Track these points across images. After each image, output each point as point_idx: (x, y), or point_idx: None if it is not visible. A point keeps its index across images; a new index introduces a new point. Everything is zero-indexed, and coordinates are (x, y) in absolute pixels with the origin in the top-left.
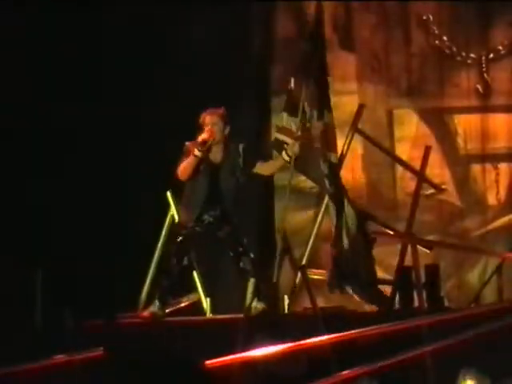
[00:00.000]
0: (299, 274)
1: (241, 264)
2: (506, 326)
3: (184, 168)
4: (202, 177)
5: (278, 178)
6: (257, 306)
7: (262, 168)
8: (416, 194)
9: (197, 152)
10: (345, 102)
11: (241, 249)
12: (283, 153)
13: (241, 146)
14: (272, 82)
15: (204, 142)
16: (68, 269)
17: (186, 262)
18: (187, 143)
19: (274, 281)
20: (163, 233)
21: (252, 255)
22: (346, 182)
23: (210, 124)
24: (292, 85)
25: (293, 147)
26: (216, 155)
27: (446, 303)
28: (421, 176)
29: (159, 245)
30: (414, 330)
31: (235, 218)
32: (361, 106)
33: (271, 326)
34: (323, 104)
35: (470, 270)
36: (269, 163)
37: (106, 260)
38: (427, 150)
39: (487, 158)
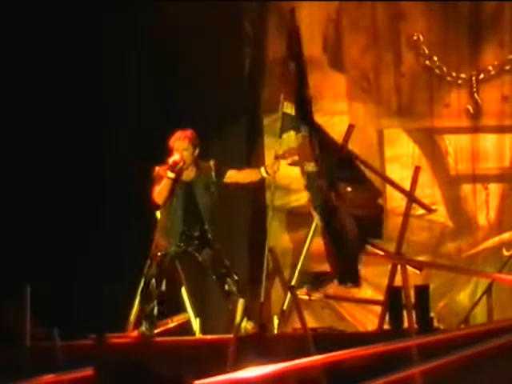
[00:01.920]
0: (289, 295)
1: (225, 286)
2: (495, 347)
3: (159, 192)
4: (176, 198)
5: (268, 197)
6: (246, 326)
7: (236, 176)
8: (406, 214)
9: (170, 174)
10: (335, 122)
11: (224, 271)
12: (262, 169)
13: (212, 162)
14: (263, 102)
15: (175, 164)
16: (57, 288)
17: (163, 286)
18: (157, 168)
19: (262, 301)
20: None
21: (236, 277)
22: None
23: (180, 149)
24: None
25: (273, 166)
26: (189, 174)
27: (437, 324)
28: (410, 196)
29: (146, 266)
30: (404, 351)
31: (215, 240)
32: (350, 127)
33: (260, 347)
34: (300, 116)
35: (460, 290)
36: (243, 172)
37: (96, 280)
38: (416, 171)
39: (477, 178)
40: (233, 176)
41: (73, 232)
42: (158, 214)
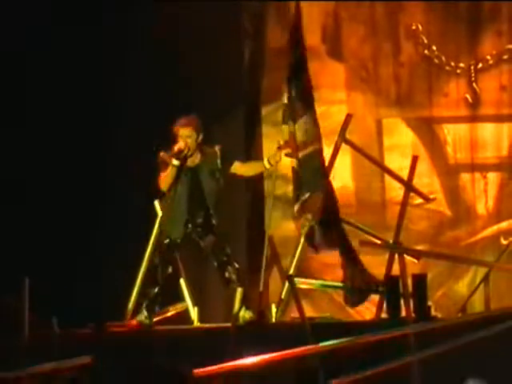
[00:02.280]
0: (287, 283)
1: (226, 274)
2: (492, 336)
3: (164, 179)
4: (181, 184)
5: (268, 186)
6: (244, 315)
7: (240, 168)
8: (403, 203)
9: (175, 162)
10: (333, 111)
11: (225, 258)
12: (265, 160)
13: (217, 148)
14: (263, 92)
15: (180, 151)
16: (55, 277)
17: (170, 270)
18: (161, 153)
19: (260, 290)
20: (151, 242)
21: (237, 265)
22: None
23: (184, 136)
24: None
25: (275, 156)
26: (193, 159)
27: (434, 312)
28: (408, 186)
29: (146, 254)
30: (402, 340)
31: (219, 227)
32: (348, 116)
33: (259, 336)
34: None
35: (459, 279)
36: (247, 164)
37: (94, 268)
38: (414, 160)
39: (476, 167)
40: (237, 168)
41: (72, 225)
42: (157, 203)
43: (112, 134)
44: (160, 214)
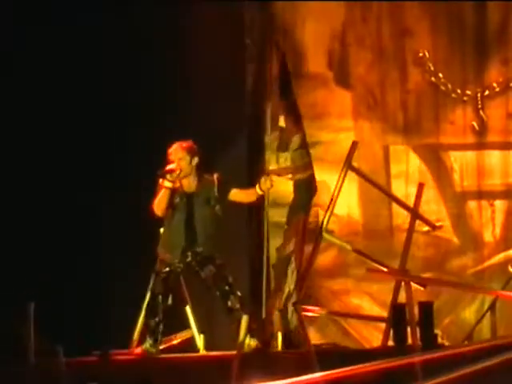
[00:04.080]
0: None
1: (228, 303)
2: (498, 364)
3: (157, 202)
4: (178, 210)
5: (272, 214)
6: (250, 342)
7: (237, 195)
8: (409, 231)
9: (166, 183)
10: (341, 138)
11: (227, 288)
12: (256, 186)
13: (216, 176)
14: (265, 119)
15: (170, 171)
16: (61, 305)
17: (170, 301)
18: (160, 179)
19: (264, 317)
20: (156, 269)
21: (239, 293)
22: (341, 219)
23: (176, 158)
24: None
25: (265, 182)
26: (190, 185)
27: (441, 340)
28: (414, 213)
29: (151, 283)
30: (408, 368)
31: (217, 256)
32: (354, 143)
33: (264, 363)
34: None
35: (466, 307)
36: (245, 191)
37: (100, 296)
38: (420, 187)
39: (483, 194)
40: (235, 195)
41: (77, 247)
42: (162, 230)
43: (109, 164)
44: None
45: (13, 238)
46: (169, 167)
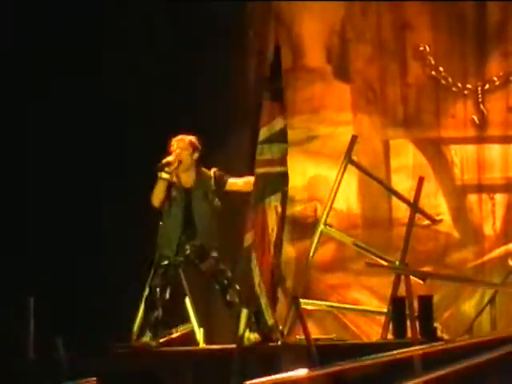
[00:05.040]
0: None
1: (227, 297)
2: (497, 357)
3: (155, 193)
4: (175, 203)
5: None
6: (250, 336)
7: (235, 185)
8: (409, 224)
9: (164, 174)
10: (340, 132)
11: (226, 281)
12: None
13: (213, 170)
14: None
15: (168, 164)
16: (61, 299)
17: (168, 294)
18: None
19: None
20: (154, 262)
21: (238, 287)
22: (340, 213)
23: (179, 148)
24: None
25: None
26: (188, 180)
27: (441, 334)
28: (414, 207)
29: (149, 276)
30: (407, 361)
31: (216, 250)
32: (354, 137)
33: (264, 357)
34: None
35: (466, 300)
36: (242, 180)
37: (99, 290)
38: (420, 181)
39: (483, 188)
40: (232, 184)
41: (76, 242)
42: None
43: (113, 157)
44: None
45: (12, 238)
46: (167, 159)
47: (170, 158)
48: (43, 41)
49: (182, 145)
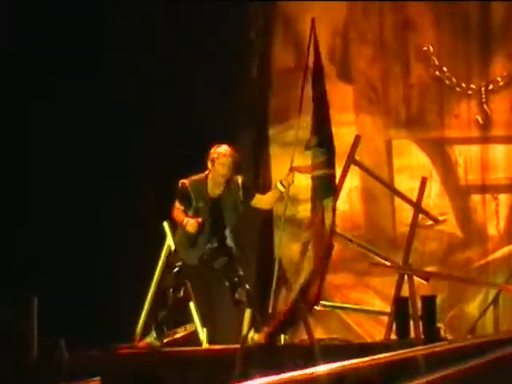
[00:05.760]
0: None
1: (236, 295)
2: (501, 358)
3: (266, 198)
4: (200, 213)
5: (278, 208)
6: (253, 336)
7: (261, 202)
8: (412, 225)
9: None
10: (343, 132)
11: (236, 279)
12: (278, 183)
13: (240, 179)
14: (270, 113)
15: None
16: (64, 299)
17: (181, 293)
18: (181, 181)
19: (270, 311)
20: (159, 263)
21: (248, 286)
22: (343, 213)
23: (227, 165)
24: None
25: (287, 178)
26: (214, 190)
27: (444, 334)
28: (417, 207)
29: (155, 275)
30: (411, 361)
31: (233, 249)
32: (357, 137)
33: (267, 357)
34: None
35: (470, 300)
36: (267, 196)
37: (99, 290)
38: (423, 181)
39: (487, 188)
40: (259, 201)
41: (76, 241)
42: (166, 224)
43: (113, 157)
44: (168, 234)
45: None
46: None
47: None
48: (43, 41)
49: (228, 163)
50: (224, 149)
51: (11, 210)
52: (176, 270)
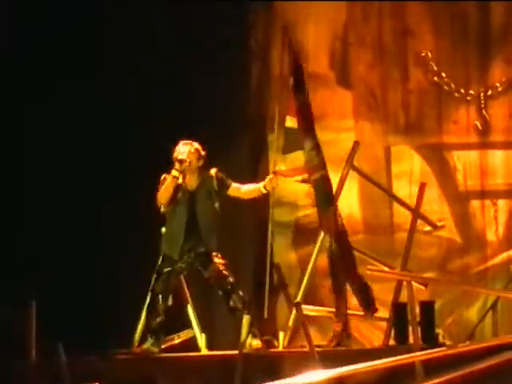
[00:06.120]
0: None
1: (231, 303)
2: (499, 363)
3: (163, 191)
4: (180, 205)
5: (276, 213)
6: (252, 342)
7: (238, 191)
8: (411, 230)
9: (175, 172)
10: (342, 139)
11: (229, 287)
12: (261, 187)
13: (213, 170)
14: (269, 119)
15: (181, 161)
16: (63, 304)
17: (170, 301)
18: (164, 175)
19: (265, 317)
20: (157, 268)
21: (241, 293)
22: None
23: (187, 151)
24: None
25: (271, 181)
26: (191, 183)
27: (443, 340)
28: (416, 213)
29: (152, 282)
30: (409, 367)
31: (220, 255)
32: (356, 143)
33: (266, 363)
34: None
35: (469, 306)
36: (245, 187)
37: (101, 295)
38: (422, 187)
39: (486, 194)
40: (235, 190)
41: (76, 242)
42: (164, 229)
43: (113, 157)
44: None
45: (13, 238)
46: (180, 156)
47: (182, 156)
48: (43, 41)
49: (190, 148)
50: (188, 140)
51: (11, 210)
52: (165, 276)
